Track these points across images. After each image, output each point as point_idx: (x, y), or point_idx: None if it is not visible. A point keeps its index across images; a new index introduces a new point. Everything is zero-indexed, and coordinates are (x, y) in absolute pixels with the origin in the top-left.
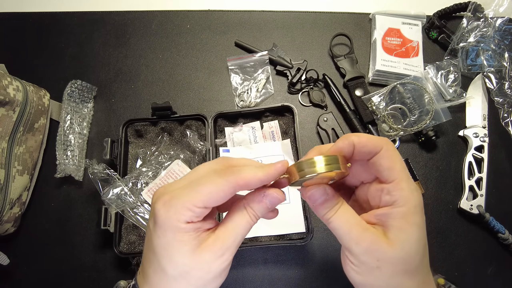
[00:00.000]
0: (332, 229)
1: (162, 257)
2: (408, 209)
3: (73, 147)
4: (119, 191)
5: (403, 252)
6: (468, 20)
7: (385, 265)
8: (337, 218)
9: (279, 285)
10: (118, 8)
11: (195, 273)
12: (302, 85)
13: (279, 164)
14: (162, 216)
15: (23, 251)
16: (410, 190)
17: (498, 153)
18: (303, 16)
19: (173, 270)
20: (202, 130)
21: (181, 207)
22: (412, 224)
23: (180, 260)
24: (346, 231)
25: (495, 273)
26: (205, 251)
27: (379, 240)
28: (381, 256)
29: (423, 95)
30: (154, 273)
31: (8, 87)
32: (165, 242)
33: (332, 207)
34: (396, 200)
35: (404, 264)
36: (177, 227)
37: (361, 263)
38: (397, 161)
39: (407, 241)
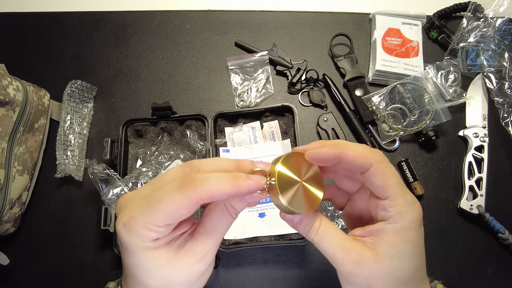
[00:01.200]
0: (319, 248)
1: (139, 274)
2: (403, 225)
3: (73, 147)
4: (119, 191)
5: (393, 268)
6: (468, 20)
7: (376, 283)
8: (319, 239)
9: (279, 285)
10: (118, 8)
11: (177, 279)
12: (302, 85)
13: (255, 179)
14: (125, 240)
15: (23, 251)
16: (407, 206)
17: (498, 153)
18: (303, 16)
19: (154, 282)
20: (202, 130)
21: (141, 228)
22: (406, 241)
23: (158, 273)
24: (331, 253)
25: (495, 273)
26: (184, 258)
27: (366, 259)
28: (369, 275)
29: (423, 95)
30: (134, 285)
31: (8, 87)
32: (137, 262)
33: (311, 225)
34: (392, 216)
35: (395, 279)
36: (144, 247)
37: (352, 284)
38: (390, 177)
39: (398, 257)
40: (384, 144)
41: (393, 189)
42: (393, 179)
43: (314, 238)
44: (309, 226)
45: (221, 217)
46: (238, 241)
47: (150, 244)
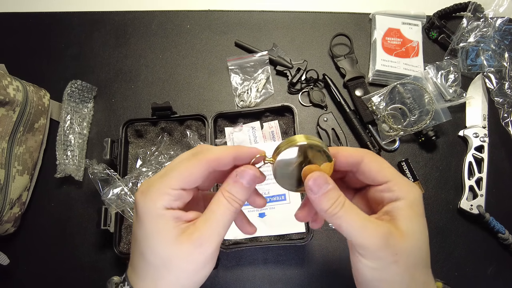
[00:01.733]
0: (338, 225)
1: (143, 247)
2: (414, 199)
3: (73, 147)
4: (119, 191)
5: (417, 243)
6: (468, 20)
7: (402, 259)
8: (346, 213)
9: (279, 285)
10: (118, 8)
11: (176, 263)
12: (302, 85)
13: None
14: (140, 204)
15: (23, 251)
16: (409, 185)
17: (498, 153)
18: (303, 16)
19: (154, 259)
20: (202, 130)
21: (157, 192)
22: (418, 214)
23: (160, 249)
24: (359, 227)
25: (495, 273)
26: (184, 241)
27: (394, 234)
28: (398, 249)
29: (423, 95)
30: (138, 262)
31: (8, 87)
32: (145, 231)
33: (337, 199)
34: (398, 194)
35: (417, 257)
36: (156, 214)
37: (378, 259)
38: (385, 163)
39: (418, 231)
40: (384, 144)
41: (391, 171)
42: (387, 164)
43: (339, 212)
44: (335, 199)
45: (218, 205)
46: (238, 241)
47: (161, 211)
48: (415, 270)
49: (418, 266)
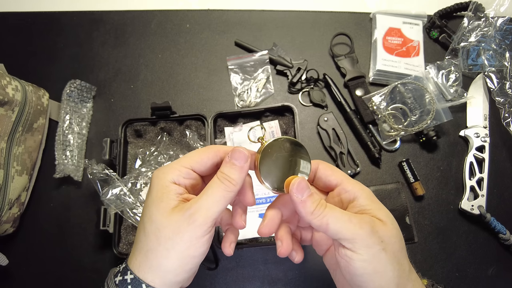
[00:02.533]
0: (326, 224)
1: (144, 215)
2: (369, 194)
3: (72, 147)
4: (118, 191)
5: (396, 230)
6: (469, 20)
7: (389, 246)
8: (331, 212)
9: (279, 285)
10: (117, 8)
11: (165, 232)
12: (302, 84)
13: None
14: (154, 175)
15: (22, 252)
16: (359, 183)
17: (499, 153)
18: (304, 15)
19: (149, 226)
20: (201, 130)
21: (170, 168)
22: (378, 202)
23: (155, 215)
24: (345, 221)
25: (496, 273)
26: (175, 213)
27: (377, 222)
28: (383, 236)
29: (424, 95)
30: (138, 233)
31: (7, 87)
32: (151, 199)
33: (320, 201)
34: (355, 192)
35: (398, 243)
36: (163, 184)
37: (368, 248)
38: (335, 168)
39: (392, 219)
40: (385, 144)
41: (343, 175)
42: (337, 169)
43: (324, 212)
44: (318, 201)
45: (212, 183)
46: (238, 242)
47: (168, 183)
48: (400, 256)
49: (401, 251)
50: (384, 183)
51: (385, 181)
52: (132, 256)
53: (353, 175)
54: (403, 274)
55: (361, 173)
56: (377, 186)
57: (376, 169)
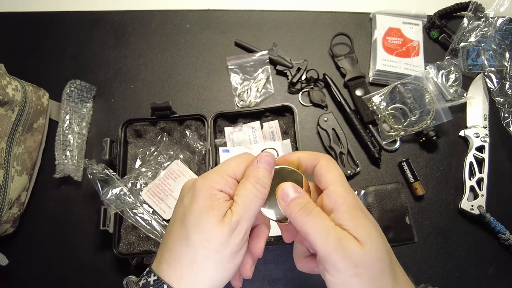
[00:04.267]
0: (306, 232)
1: (189, 223)
2: (349, 206)
3: (72, 147)
4: (118, 191)
5: (378, 253)
6: (469, 20)
7: (364, 270)
8: (312, 220)
9: (279, 285)
10: (117, 8)
11: (215, 245)
12: (302, 85)
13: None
14: (199, 184)
15: (22, 252)
16: (346, 192)
17: (499, 153)
18: (303, 15)
19: (195, 236)
20: (201, 130)
21: (217, 176)
22: (359, 217)
23: (205, 225)
24: (323, 237)
25: (496, 274)
26: (224, 223)
27: (353, 244)
28: (358, 260)
29: (423, 95)
30: (177, 248)
31: (7, 87)
32: (198, 207)
33: (303, 206)
34: (334, 201)
35: (379, 267)
36: (211, 193)
37: (338, 272)
38: (333, 169)
39: (375, 238)
40: (384, 144)
41: (336, 178)
42: (336, 171)
43: (305, 219)
44: (301, 205)
45: (244, 190)
46: None
47: (216, 191)
48: (380, 279)
49: (382, 274)
50: (384, 183)
51: (385, 181)
52: (167, 267)
53: (353, 175)
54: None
55: (361, 173)
56: (377, 186)
57: (376, 169)
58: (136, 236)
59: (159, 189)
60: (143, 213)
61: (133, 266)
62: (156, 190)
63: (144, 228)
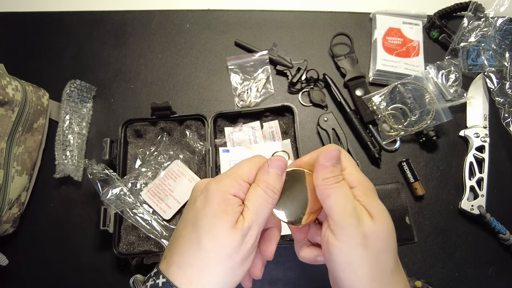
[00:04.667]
0: (327, 196)
1: (202, 227)
2: (366, 186)
3: (72, 147)
4: (118, 191)
5: (386, 229)
6: (469, 20)
7: (371, 243)
8: (337, 188)
9: (279, 285)
10: (117, 8)
11: (227, 250)
12: (302, 85)
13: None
14: (213, 188)
15: (22, 252)
16: (361, 175)
17: (499, 153)
18: (303, 15)
19: (208, 241)
20: (201, 130)
21: (231, 180)
22: (373, 197)
23: (218, 231)
24: (342, 203)
25: (496, 274)
26: (237, 229)
27: (366, 217)
28: (368, 231)
29: (424, 95)
30: (187, 246)
31: (7, 87)
32: (211, 212)
33: (337, 175)
34: (352, 181)
35: (385, 243)
36: (225, 198)
37: (347, 238)
38: (345, 155)
39: (386, 217)
40: (385, 144)
41: (349, 162)
42: (349, 158)
43: (332, 185)
44: (335, 174)
45: (255, 195)
46: None
47: (230, 196)
48: (383, 256)
49: (386, 252)
50: (384, 183)
51: (385, 181)
52: (177, 270)
53: None
54: (381, 275)
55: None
56: (377, 186)
57: (376, 169)
58: (136, 236)
59: (159, 189)
60: (143, 213)
61: (133, 266)
62: (156, 190)
63: (144, 228)
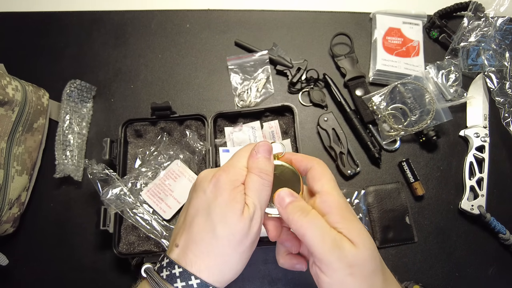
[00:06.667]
0: (303, 233)
1: (216, 216)
2: (341, 209)
3: (72, 147)
4: (118, 191)
5: (370, 252)
6: (469, 20)
7: (358, 269)
8: (309, 222)
9: (279, 285)
10: (117, 8)
11: (238, 237)
12: (302, 84)
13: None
14: (223, 177)
15: (22, 252)
16: (339, 196)
17: (499, 153)
18: (303, 15)
19: (222, 230)
20: (201, 130)
21: (237, 170)
22: (351, 220)
23: (230, 218)
24: (319, 239)
25: (496, 273)
26: (244, 215)
27: (347, 245)
28: (353, 260)
29: (424, 95)
30: (202, 234)
31: (7, 86)
32: (223, 201)
33: (300, 209)
34: (327, 205)
35: (372, 266)
36: (235, 185)
37: (333, 272)
38: (326, 174)
39: (368, 240)
40: (385, 144)
41: (328, 183)
42: (329, 176)
43: (301, 221)
44: (298, 209)
45: (250, 179)
46: None
47: (238, 183)
48: (373, 277)
49: (374, 272)
50: (384, 183)
51: (385, 181)
52: (195, 258)
53: (353, 175)
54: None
55: (361, 173)
56: (377, 186)
57: (376, 169)
58: (136, 236)
59: (159, 189)
60: (143, 213)
61: (133, 266)
62: (156, 190)
63: (144, 228)
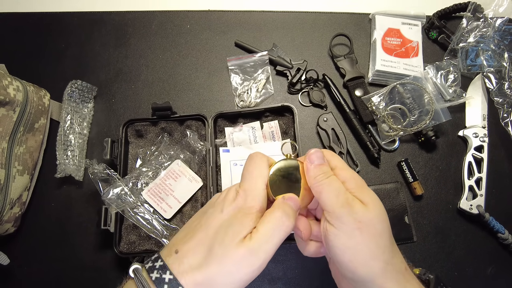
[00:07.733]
0: (320, 191)
1: (218, 235)
2: (356, 180)
3: (73, 147)
4: (119, 191)
5: (380, 214)
6: (468, 20)
7: (366, 227)
8: (328, 182)
9: (279, 284)
10: (118, 8)
11: (229, 261)
12: (302, 85)
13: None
14: (240, 202)
15: (23, 251)
16: (351, 171)
17: (498, 153)
18: (303, 16)
19: (219, 248)
20: (202, 130)
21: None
22: (364, 187)
23: (228, 241)
24: (334, 195)
25: (495, 273)
26: (245, 246)
27: (358, 204)
28: (362, 217)
29: (422, 95)
30: (200, 248)
31: (8, 87)
32: (230, 223)
33: (326, 171)
34: (344, 177)
35: (380, 227)
36: (250, 212)
37: (342, 224)
38: (335, 156)
39: (379, 205)
40: (384, 144)
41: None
42: (337, 158)
43: (323, 180)
44: (324, 171)
45: (272, 216)
46: None
47: (253, 210)
48: (380, 239)
49: (382, 235)
50: (383, 182)
51: (384, 181)
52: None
53: None
54: (380, 256)
55: (361, 173)
56: (376, 185)
57: (375, 169)
58: (137, 236)
59: (159, 188)
60: (144, 212)
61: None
62: (157, 189)
63: (145, 227)
